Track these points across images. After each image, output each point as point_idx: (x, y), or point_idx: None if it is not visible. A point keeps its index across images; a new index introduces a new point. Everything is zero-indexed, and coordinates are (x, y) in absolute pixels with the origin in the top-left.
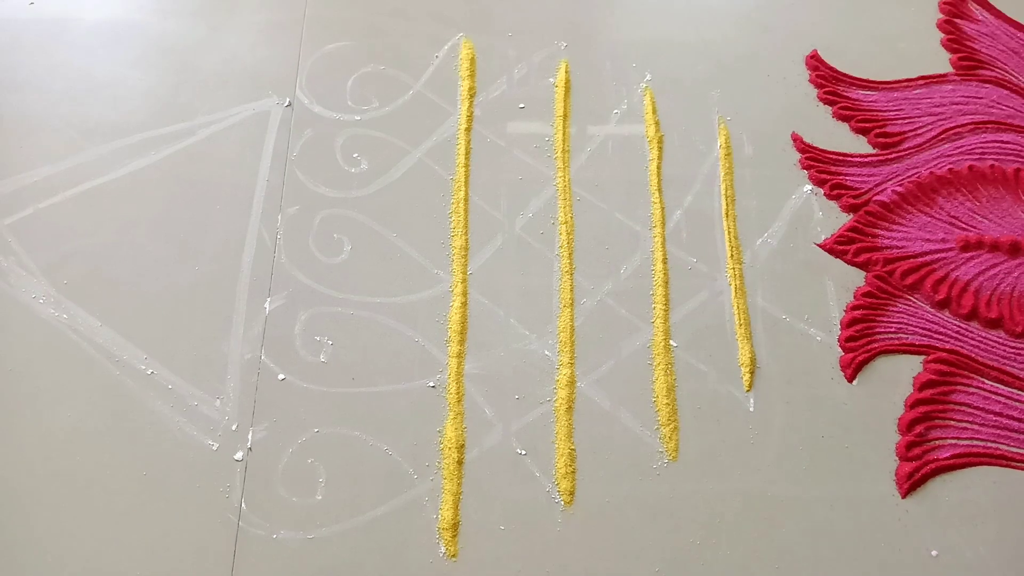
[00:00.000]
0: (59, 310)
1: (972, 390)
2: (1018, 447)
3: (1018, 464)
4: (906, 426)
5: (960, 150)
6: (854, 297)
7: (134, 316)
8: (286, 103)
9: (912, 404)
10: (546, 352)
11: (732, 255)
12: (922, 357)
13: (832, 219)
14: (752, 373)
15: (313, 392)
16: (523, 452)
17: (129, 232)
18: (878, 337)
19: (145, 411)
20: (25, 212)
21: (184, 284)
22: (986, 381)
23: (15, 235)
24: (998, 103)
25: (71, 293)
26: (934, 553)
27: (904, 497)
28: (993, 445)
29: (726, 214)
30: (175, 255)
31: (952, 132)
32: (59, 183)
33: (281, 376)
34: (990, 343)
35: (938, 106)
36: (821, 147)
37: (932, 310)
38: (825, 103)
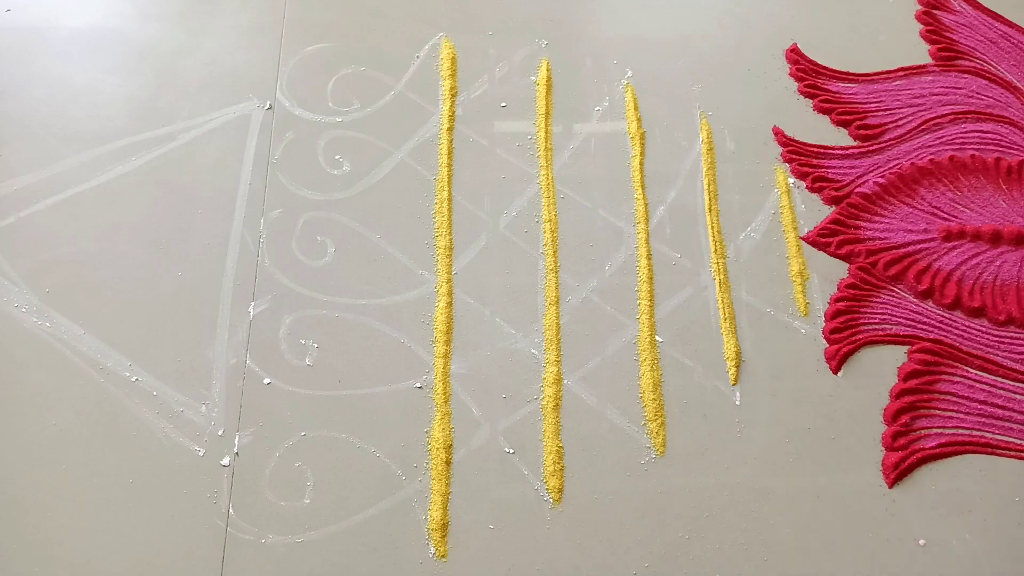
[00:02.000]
0: (42, 318)
1: (956, 379)
2: (1002, 434)
3: (1002, 451)
4: (892, 416)
5: (940, 141)
6: (838, 289)
7: (118, 323)
8: (267, 106)
9: (897, 394)
10: (532, 350)
11: (716, 250)
12: (906, 347)
13: (815, 212)
14: (738, 367)
15: (299, 396)
16: (511, 451)
17: (111, 239)
18: (862, 328)
19: (130, 418)
20: (6, 221)
21: (167, 290)
22: (970, 370)
23: None
24: (977, 93)
25: (54, 301)
26: (921, 542)
27: (891, 487)
28: (978, 433)
29: (709, 209)
30: (158, 261)
31: (932, 123)
32: (40, 191)
33: (267, 380)
34: (973, 332)
35: (918, 97)
36: (802, 140)
37: (916, 300)
38: (806, 96)
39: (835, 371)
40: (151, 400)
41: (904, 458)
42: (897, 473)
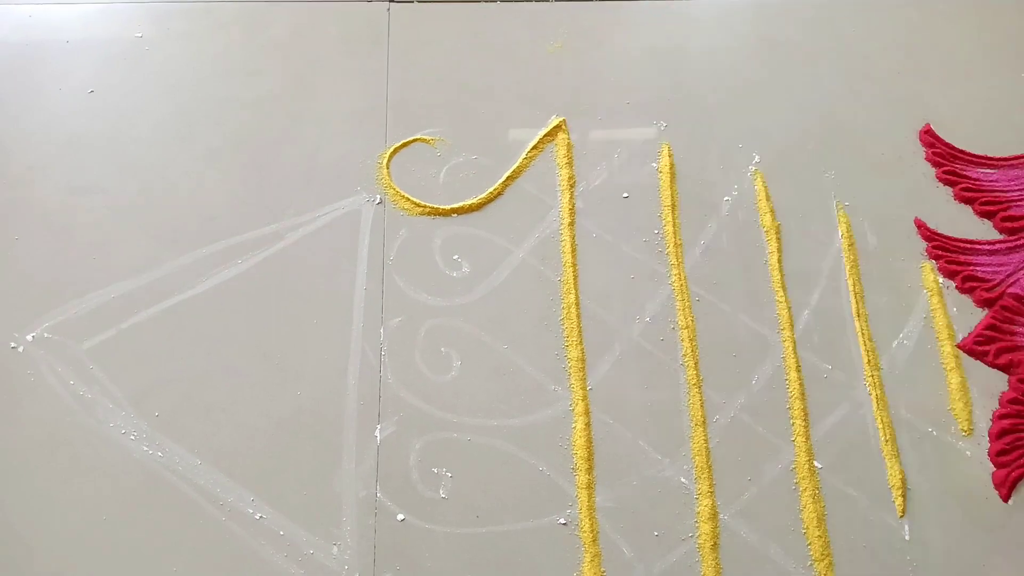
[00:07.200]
0: (153, 447)
1: None
2: None
3: None
4: None
5: None
6: (1000, 404)
7: (236, 451)
8: (376, 200)
9: None
10: (682, 479)
11: (869, 360)
12: None
13: (967, 315)
14: (904, 496)
15: (436, 534)
16: None
17: (222, 353)
18: None
19: (258, 561)
20: (107, 334)
21: (286, 412)
22: None
23: (97, 361)
24: None
25: (164, 426)
26: None
27: None
28: None
29: (857, 313)
30: (274, 378)
31: None
32: (142, 299)
33: (400, 516)
34: None
35: None
36: (947, 234)
37: None
38: (945, 183)
39: (1005, 499)
40: (278, 540)
41: None
42: None
